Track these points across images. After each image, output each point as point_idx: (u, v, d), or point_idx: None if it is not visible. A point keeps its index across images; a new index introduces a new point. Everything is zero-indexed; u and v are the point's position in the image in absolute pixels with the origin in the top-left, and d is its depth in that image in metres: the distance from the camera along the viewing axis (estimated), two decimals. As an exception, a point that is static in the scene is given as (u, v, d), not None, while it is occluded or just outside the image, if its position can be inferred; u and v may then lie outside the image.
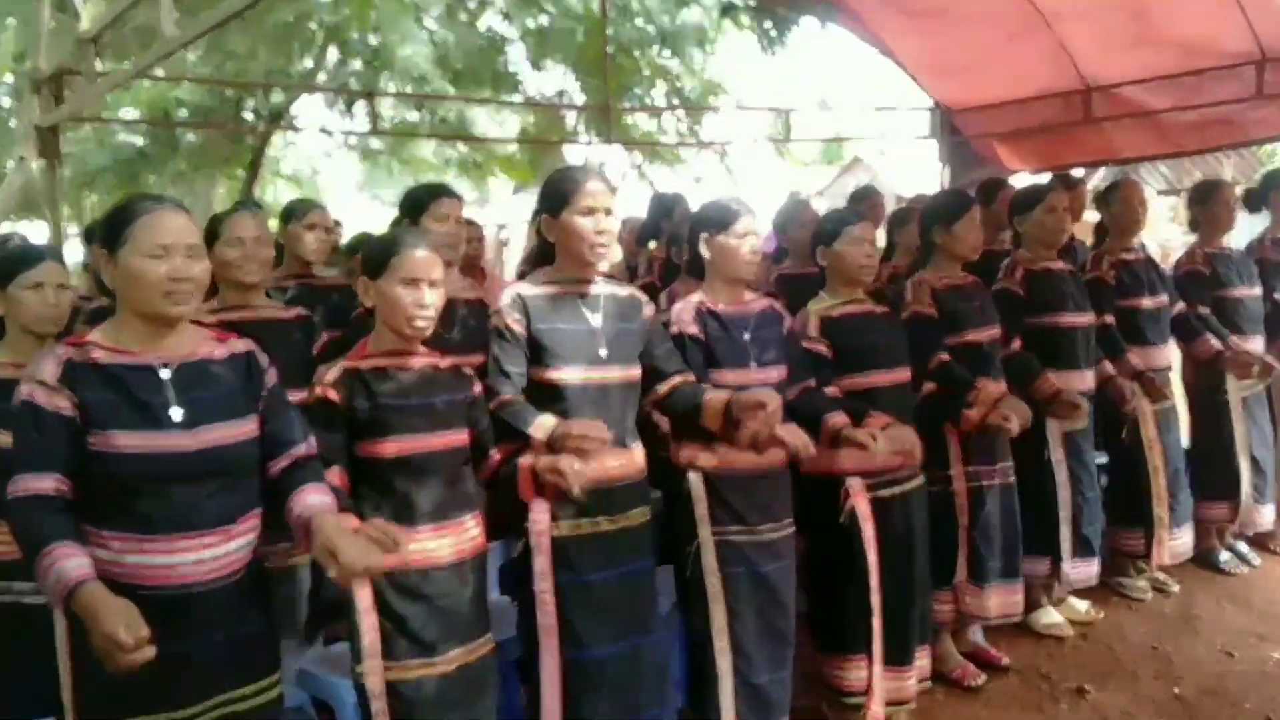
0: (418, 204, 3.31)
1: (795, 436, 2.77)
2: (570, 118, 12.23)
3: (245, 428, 2.10)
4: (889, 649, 3.35)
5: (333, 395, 2.39)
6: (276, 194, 15.24)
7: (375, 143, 12.19)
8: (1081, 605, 4.42)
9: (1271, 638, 4.22)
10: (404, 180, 13.38)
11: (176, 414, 1.99)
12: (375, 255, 2.47)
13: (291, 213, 3.94)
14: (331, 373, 2.43)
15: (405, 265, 2.41)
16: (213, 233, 3.13)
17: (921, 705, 3.60)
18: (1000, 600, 3.83)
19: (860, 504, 3.24)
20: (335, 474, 2.32)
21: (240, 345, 2.19)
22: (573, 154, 12.78)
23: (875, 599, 3.26)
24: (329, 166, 15.98)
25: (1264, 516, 4.95)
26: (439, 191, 3.38)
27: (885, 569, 3.29)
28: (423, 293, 2.41)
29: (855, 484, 3.26)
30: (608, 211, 2.73)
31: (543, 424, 2.59)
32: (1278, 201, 5.06)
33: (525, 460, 2.57)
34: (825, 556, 3.31)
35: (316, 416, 2.36)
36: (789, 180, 14.18)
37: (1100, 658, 4.09)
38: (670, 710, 3.06)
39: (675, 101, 11.75)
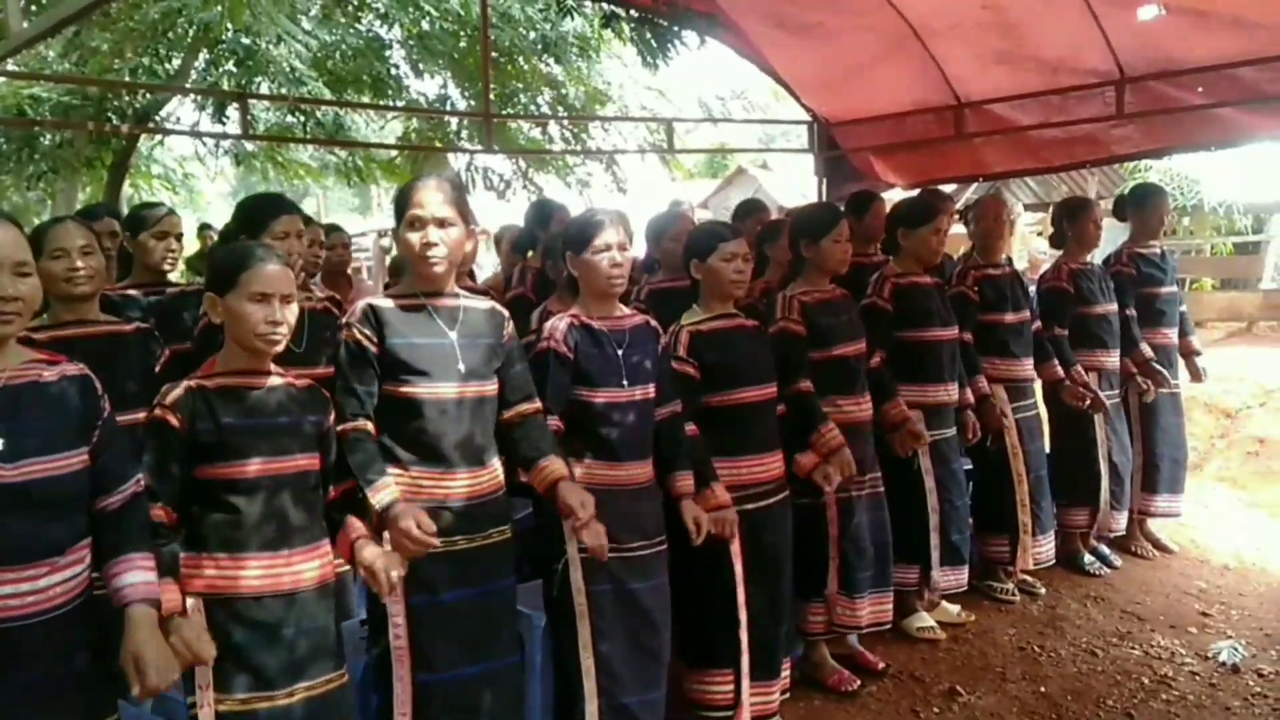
0: (255, 220, 3.20)
1: (597, 541, 2.75)
2: (455, 124, 12.06)
3: (74, 459, 1.98)
4: (756, 662, 3.35)
5: (172, 419, 2.26)
6: (149, 197, 14.64)
7: (251, 145, 11.80)
8: (953, 609, 4.51)
9: (1132, 637, 4.39)
10: (280, 184, 13.03)
11: None
12: (223, 269, 2.36)
13: (139, 220, 3.69)
14: (174, 393, 2.29)
15: (256, 280, 2.30)
16: (35, 246, 2.93)
17: (797, 712, 3.65)
18: (872, 609, 3.89)
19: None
20: (159, 511, 2.20)
21: (73, 369, 2.06)
22: (457, 161, 12.63)
23: (743, 613, 3.25)
24: (202, 170, 15.42)
25: (1119, 521, 5.16)
26: (277, 209, 3.27)
27: (752, 582, 3.29)
28: (274, 308, 2.31)
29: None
30: (440, 223, 2.65)
31: (381, 490, 2.50)
32: (1138, 216, 5.27)
33: (351, 532, 2.45)
34: (692, 570, 3.27)
35: (151, 440, 2.25)
36: (675, 190, 14.25)
37: (971, 660, 4.18)
38: None
39: (560, 110, 11.69)
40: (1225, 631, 4.44)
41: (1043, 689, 3.91)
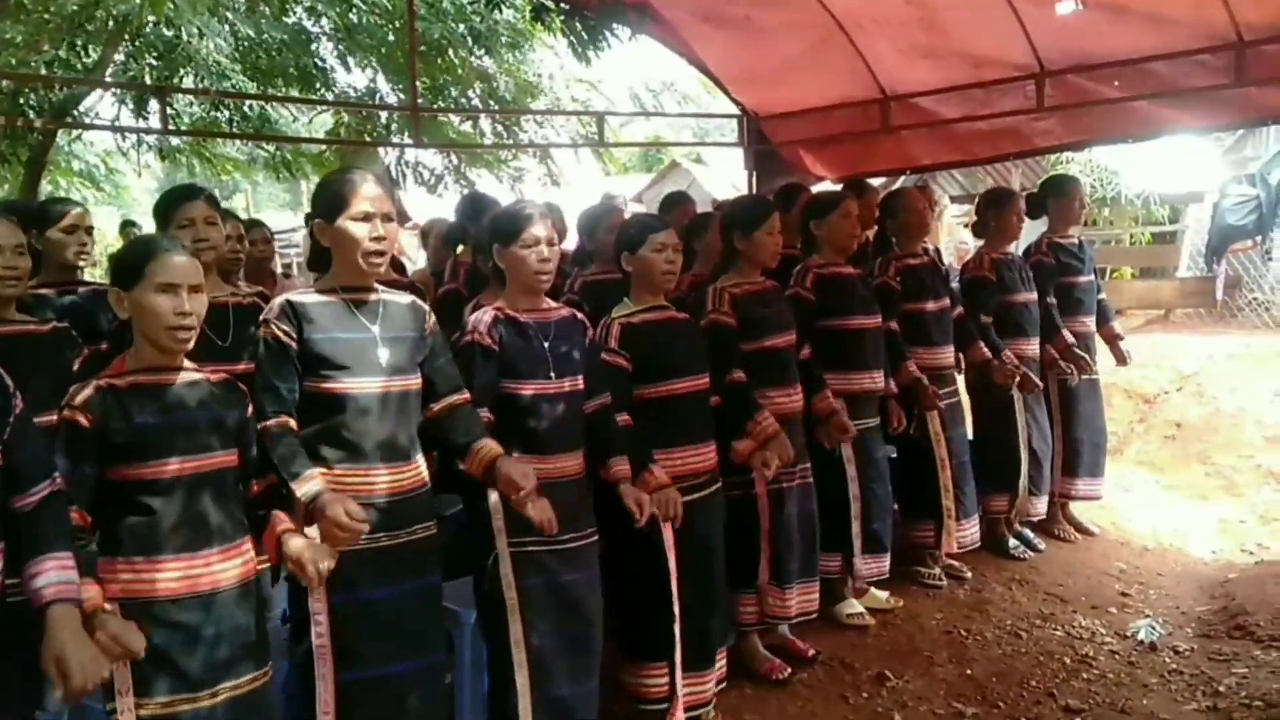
0: (164, 211, 3.17)
1: (543, 515, 2.74)
2: (384, 117, 11.90)
3: None
4: (690, 654, 3.37)
5: (82, 420, 2.21)
6: (70, 194, 14.23)
7: (175, 140, 11.51)
8: (882, 595, 4.58)
9: (1055, 618, 4.50)
10: (207, 180, 12.73)
11: None
12: (127, 262, 2.31)
13: (47, 215, 3.58)
14: (83, 393, 2.24)
15: (161, 270, 2.26)
16: None
17: (729, 702, 3.67)
18: (800, 599, 3.93)
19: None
20: (75, 514, 2.15)
21: None
22: (388, 156, 12.46)
23: (676, 605, 3.27)
24: (126, 165, 15.03)
25: (1038, 506, 5.28)
26: (182, 195, 3.23)
27: (685, 574, 3.31)
28: (183, 299, 2.27)
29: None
30: (386, 217, 2.64)
31: (307, 481, 2.45)
32: (1054, 207, 5.39)
33: (277, 525, 2.42)
34: (625, 562, 3.29)
35: (63, 443, 2.19)
36: (609, 184, 14.23)
37: (900, 645, 4.24)
38: None
39: (491, 103, 11.59)
40: (1144, 611, 4.58)
41: (969, 671, 3.99)
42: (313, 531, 2.45)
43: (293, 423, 2.56)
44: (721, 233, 3.97)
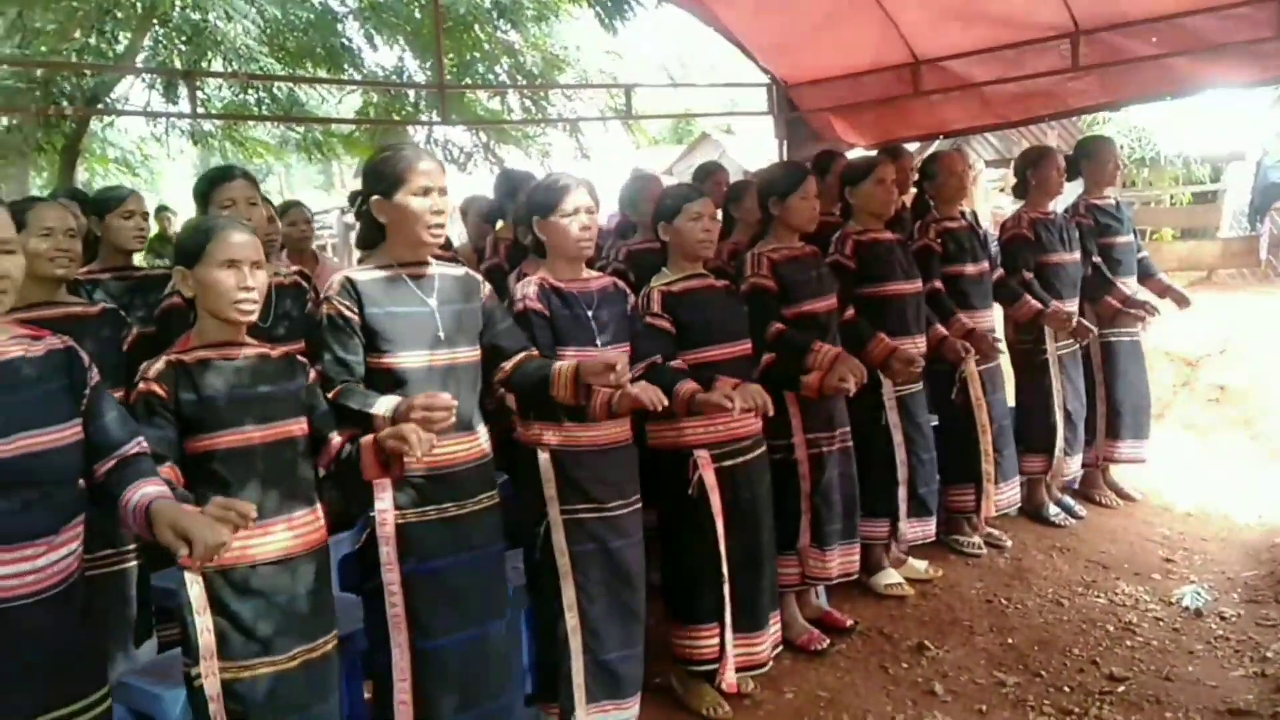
0: (202, 193, 3.22)
1: (648, 393, 2.74)
2: (413, 95, 11.91)
3: (66, 432, 1.99)
4: (740, 616, 3.41)
5: (159, 389, 2.28)
6: (106, 181, 14.37)
7: (207, 125, 11.60)
8: (920, 564, 4.57)
9: (1097, 585, 4.46)
10: (240, 163, 12.80)
11: None
12: (190, 242, 2.38)
13: (104, 202, 3.68)
14: (155, 366, 2.32)
15: (223, 248, 2.33)
16: (19, 223, 2.91)
17: (769, 672, 3.67)
18: (841, 560, 3.95)
19: (707, 475, 3.30)
20: (167, 469, 2.21)
21: (58, 342, 2.08)
22: (417, 134, 12.48)
23: (725, 567, 3.30)
24: (161, 150, 15.16)
25: (1071, 467, 5.22)
26: (221, 176, 3.27)
27: (734, 537, 3.34)
28: (245, 274, 2.33)
29: (702, 456, 3.32)
30: (442, 191, 2.66)
31: (386, 402, 2.52)
32: (1089, 168, 5.32)
33: (368, 437, 2.47)
34: (674, 528, 3.34)
35: (142, 413, 2.26)
36: (639, 158, 14.17)
37: (939, 614, 4.23)
38: (520, 694, 3.04)
39: (519, 78, 11.56)
40: (1188, 577, 4.53)
41: (1010, 640, 3.97)
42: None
43: (361, 386, 2.60)
44: (758, 199, 3.96)
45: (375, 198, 2.67)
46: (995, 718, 3.44)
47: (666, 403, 2.78)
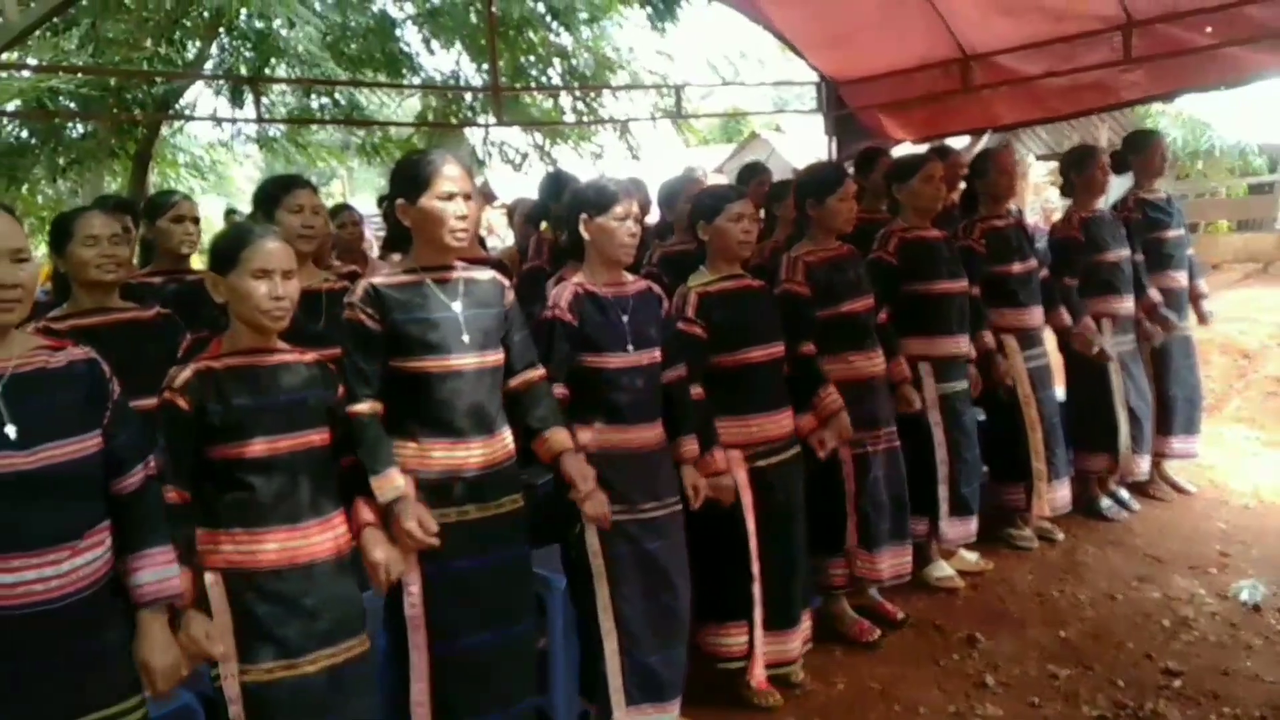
0: (270, 196, 3.27)
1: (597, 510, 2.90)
2: (469, 98, 12.09)
3: (88, 443, 2.01)
4: (771, 614, 3.43)
5: (181, 403, 2.30)
6: (178, 184, 14.78)
7: (273, 129, 11.89)
8: (971, 557, 4.56)
9: (1151, 579, 4.41)
10: (303, 167, 13.10)
11: (11, 431, 1.89)
12: (224, 249, 2.39)
13: (156, 206, 3.80)
14: (182, 375, 2.32)
15: (256, 256, 2.34)
16: (65, 232, 3.02)
17: (818, 664, 3.71)
18: (892, 562, 3.94)
19: (739, 474, 3.32)
20: (173, 493, 2.26)
21: (79, 353, 2.09)
22: (473, 136, 12.66)
23: (755, 565, 3.33)
24: (228, 156, 15.55)
25: (1141, 465, 5.16)
26: (291, 183, 3.34)
27: (766, 536, 3.37)
28: (276, 283, 2.35)
29: (734, 456, 3.34)
30: (466, 196, 2.69)
31: (387, 482, 2.54)
32: (1136, 163, 5.25)
33: (360, 515, 2.53)
34: (704, 526, 3.33)
35: (165, 423, 2.30)
36: (689, 157, 14.21)
37: (990, 607, 4.22)
38: (535, 700, 2.99)
39: (570, 80, 11.68)
40: (1246, 571, 4.45)
41: (1062, 633, 3.95)
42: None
43: (379, 407, 2.63)
44: (795, 200, 3.96)
45: (400, 201, 2.71)
46: (1047, 710, 3.43)
47: (608, 526, 2.93)
